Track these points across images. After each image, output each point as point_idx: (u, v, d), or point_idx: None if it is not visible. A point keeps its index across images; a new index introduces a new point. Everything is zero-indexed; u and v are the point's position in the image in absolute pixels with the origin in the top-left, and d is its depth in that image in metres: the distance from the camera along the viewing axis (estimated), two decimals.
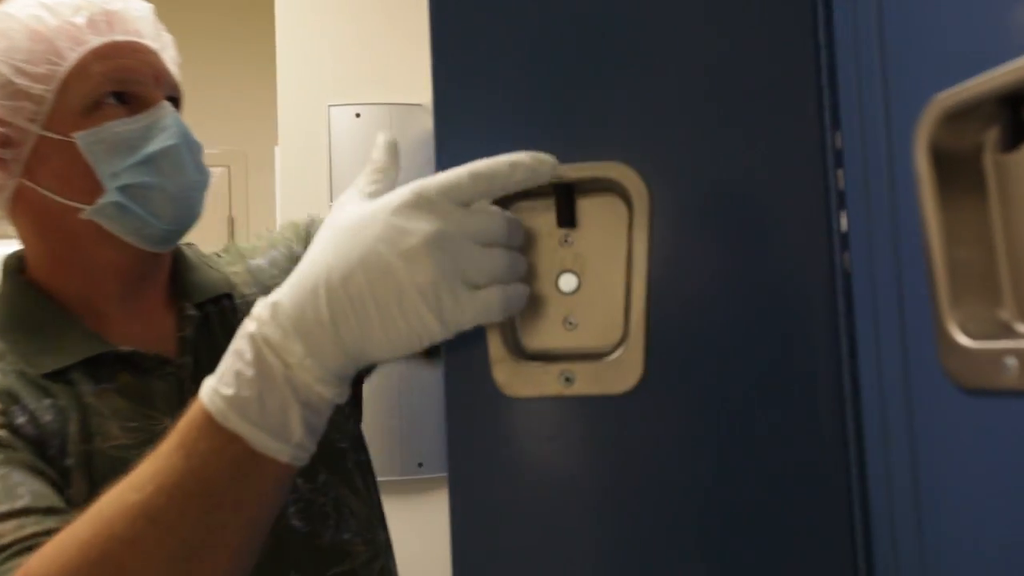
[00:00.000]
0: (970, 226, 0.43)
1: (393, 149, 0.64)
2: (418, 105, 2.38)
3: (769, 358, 0.56)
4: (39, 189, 0.85)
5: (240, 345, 0.58)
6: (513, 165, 0.55)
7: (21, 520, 0.69)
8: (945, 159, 0.44)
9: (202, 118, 1.23)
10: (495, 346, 0.58)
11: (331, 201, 2.33)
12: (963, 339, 0.42)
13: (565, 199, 0.58)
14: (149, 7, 0.92)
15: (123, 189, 0.84)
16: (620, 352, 0.57)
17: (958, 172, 0.44)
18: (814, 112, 0.55)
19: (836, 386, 0.54)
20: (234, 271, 0.99)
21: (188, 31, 3.78)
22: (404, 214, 0.55)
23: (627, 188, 0.57)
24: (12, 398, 0.79)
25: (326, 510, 0.89)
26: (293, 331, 0.56)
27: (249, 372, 0.56)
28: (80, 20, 0.84)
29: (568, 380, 0.57)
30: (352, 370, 0.58)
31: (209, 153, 0.95)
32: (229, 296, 0.95)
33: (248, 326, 0.58)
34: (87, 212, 0.85)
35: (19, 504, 0.70)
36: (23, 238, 0.91)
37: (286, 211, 2.40)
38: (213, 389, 0.58)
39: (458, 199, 0.55)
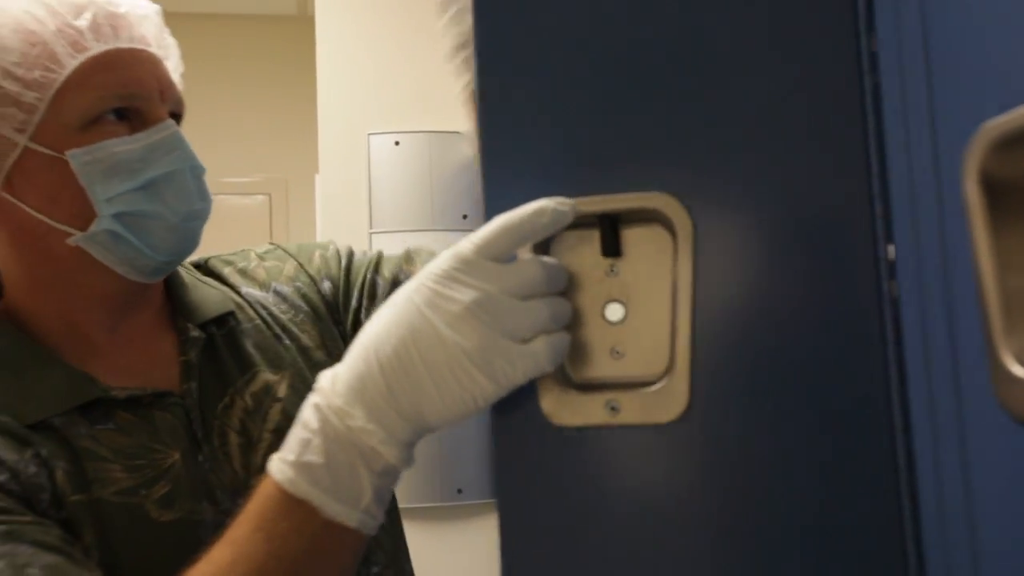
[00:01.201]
0: (1023, 254, 0.43)
1: None
2: (457, 133, 2.40)
3: (816, 389, 0.55)
4: (21, 205, 0.76)
5: (306, 415, 0.59)
6: (539, 212, 0.56)
7: None
8: (996, 187, 0.43)
9: (243, 146, 1.25)
10: (542, 376, 0.59)
11: (370, 228, 2.35)
12: (1017, 369, 0.42)
13: (610, 229, 0.59)
14: (156, 8, 0.83)
15: (118, 216, 0.76)
16: (665, 382, 0.57)
17: (1009, 199, 0.43)
18: (859, 139, 0.55)
19: (886, 417, 0.54)
20: (250, 280, 0.93)
21: (230, 60, 3.88)
22: (446, 281, 0.56)
23: (671, 218, 0.58)
24: (10, 447, 0.71)
25: None
26: (354, 399, 0.57)
27: (316, 440, 0.57)
28: (82, 23, 0.74)
29: (613, 409, 0.57)
30: (414, 435, 0.58)
31: (250, 181, 0.96)
32: (232, 314, 0.87)
33: (312, 397, 0.59)
34: (76, 238, 0.76)
35: None
36: (9, 257, 0.80)
37: (326, 238, 2.43)
38: (281, 459, 0.59)
39: (494, 255, 0.57)
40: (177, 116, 0.83)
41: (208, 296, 0.87)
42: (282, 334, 0.89)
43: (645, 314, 0.59)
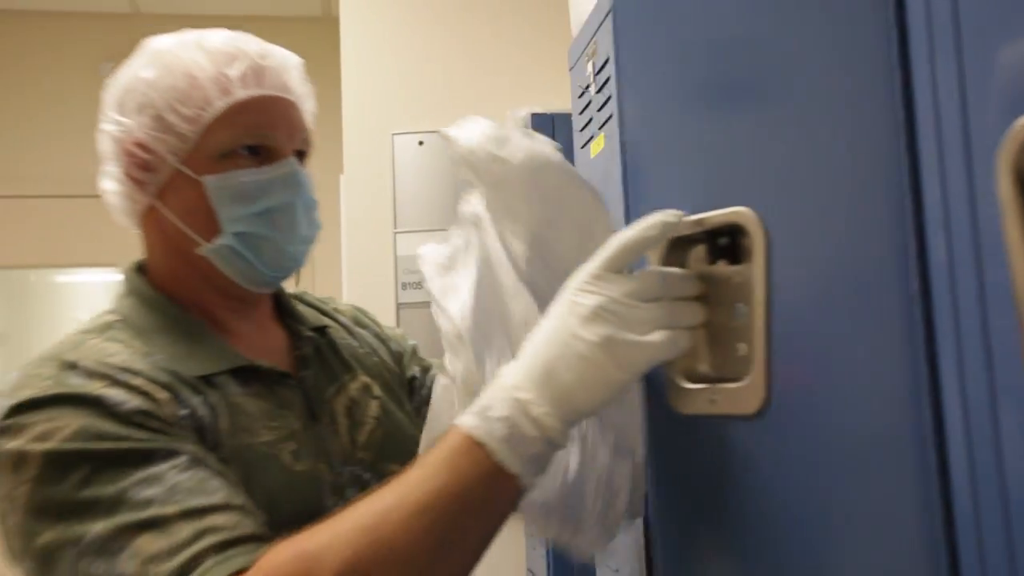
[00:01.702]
0: None
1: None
2: None
3: (871, 392, 0.55)
4: (167, 214, 0.93)
5: (489, 392, 0.73)
6: (649, 227, 0.71)
7: (228, 515, 0.75)
8: None
9: None
10: (670, 372, 0.74)
11: (395, 228, 2.36)
12: None
13: (711, 240, 0.72)
14: (298, 60, 0.99)
15: (238, 235, 0.91)
16: (748, 379, 0.65)
17: None
18: (893, 143, 0.55)
19: (921, 425, 0.53)
20: (330, 312, 1.11)
21: None
22: (579, 291, 0.72)
23: (749, 230, 0.66)
24: (174, 391, 0.84)
25: None
26: (525, 381, 0.71)
27: (497, 406, 0.71)
28: (233, 72, 0.90)
29: (713, 401, 0.69)
30: (569, 416, 0.72)
31: None
32: (329, 328, 1.06)
33: (500, 380, 0.73)
34: (203, 249, 0.92)
35: (216, 499, 0.76)
36: (148, 249, 0.99)
37: (351, 238, 2.44)
38: (467, 414, 0.72)
39: (616, 268, 0.72)
40: (303, 153, 0.96)
41: (309, 312, 1.06)
42: (370, 351, 1.08)
43: (744, 315, 0.69)
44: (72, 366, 0.82)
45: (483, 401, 0.73)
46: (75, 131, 3.76)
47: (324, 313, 1.10)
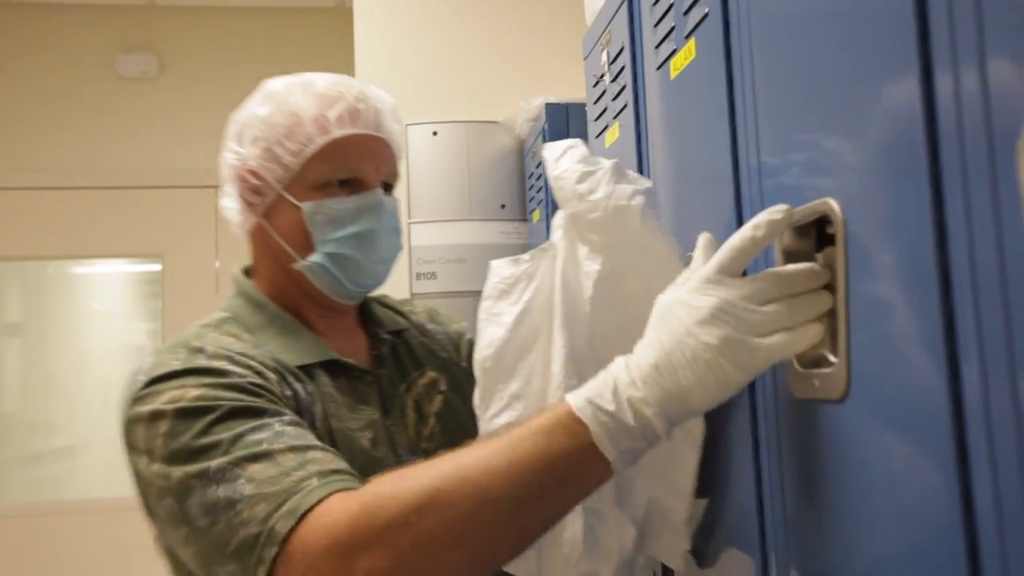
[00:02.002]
0: None
1: (711, 245, 0.79)
2: (495, 123, 2.40)
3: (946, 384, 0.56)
4: (271, 232, 1.07)
5: (602, 381, 0.76)
6: (755, 227, 0.70)
7: (326, 453, 0.87)
8: None
9: None
10: (790, 362, 0.74)
11: (408, 218, 2.35)
12: None
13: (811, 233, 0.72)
14: (392, 102, 1.12)
15: (328, 254, 1.05)
16: (835, 366, 0.67)
17: None
18: (916, 123, 0.54)
19: (955, 418, 0.53)
20: (406, 313, 1.23)
21: (269, 53, 3.89)
22: (695, 295, 0.72)
23: (833, 220, 0.66)
24: (281, 375, 0.99)
25: None
26: (638, 378, 0.74)
27: (608, 395, 0.75)
28: (331, 114, 1.03)
29: (815, 385, 0.70)
30: (679, 414, 0.74)
31: None
32: (405, 330, 1.19)
33: (614, 370, 0.77)
34: (298, 264, 1.06)
35: (316, 443, 0.88)
36: (255, 258, 1.14)
37: None
38: (578, 395, 0.76)
39: (730, 271, 0.72)
40: (389, 185, 1.09)
41: (387, 315, 1.20)
42: (441, 350, 1.21)
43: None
44: (199, 350, 0.97)
45: (595, 387, 0.76)
46: (91, 123, 3.77)
47: (400, 314, 1.23)
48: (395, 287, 1.45)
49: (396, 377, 1.13)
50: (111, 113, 3.74)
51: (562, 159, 0.88)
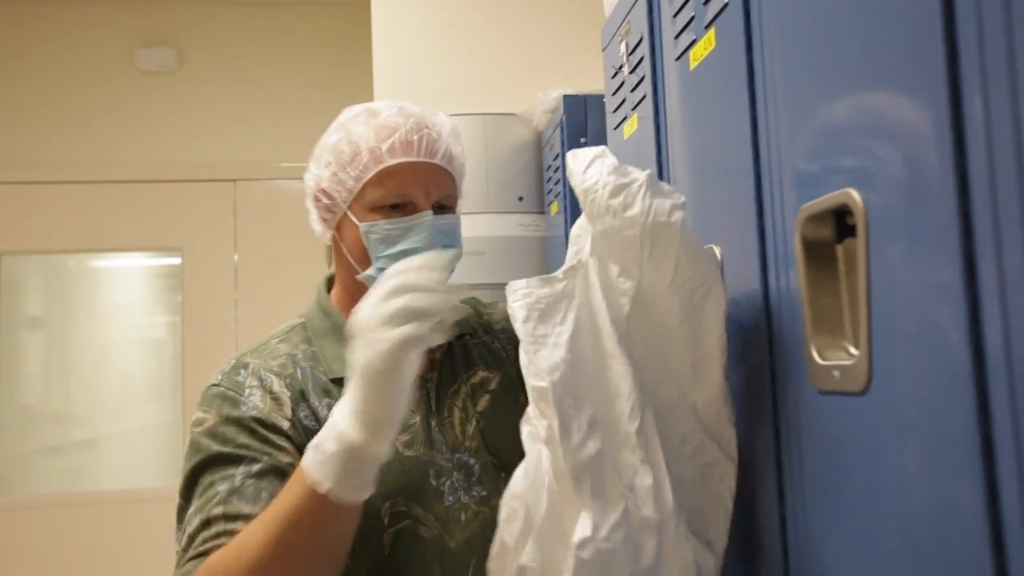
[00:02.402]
0: None
1: None
2: (512, 115, 2.39)
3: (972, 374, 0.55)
4: (341, 245, 1.20)
5: (328, 432, 0.93)
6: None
7: (234, 524, 1.03)
8: None
9: (300, 130, 1.28)
10: (808, 347, 0.74)
11: None
12: None
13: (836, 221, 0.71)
14: (450, 126, 1.22)
15: (381, 269, 1.13)
16: (856, 358, 0.67)
17: None
18: (944, 103, 0.54)
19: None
20: (499, 316, 1.32)
21: (287, 45, 3.89)
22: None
23: (854, 211, 0.65)
24: (304, 397, 1.14)
25: None
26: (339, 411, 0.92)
27: (320, 438, 0.95)
28: (385, 146, 1.15)
29: (835, 377, 0.70)
30: (368, 426, 0.92)
31: (305, 165, 1.20)
32: (471, 333, 1.28)
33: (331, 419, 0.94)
34: (360, 275, 1.18)
35: (256, 510, 1.03)
36: (336, 267, 1.26)
37: None
38: (310, 449, 0.94)
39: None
40: (444, 206, 1.19)
41: (460, 317, 1.27)
42: (502, 349, 1.29)
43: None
44: (244, 366, 1.16)
45: (320, 434, 0.94)
46: (111, 117, 3.79)
47: (483, 314, 1.32)
48: None
49: (448, 379, 1.22)
50: (131, 107, 3.76)
51: (590, 169, 0.84)
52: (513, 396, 1.21)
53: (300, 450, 1.05)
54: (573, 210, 2.02)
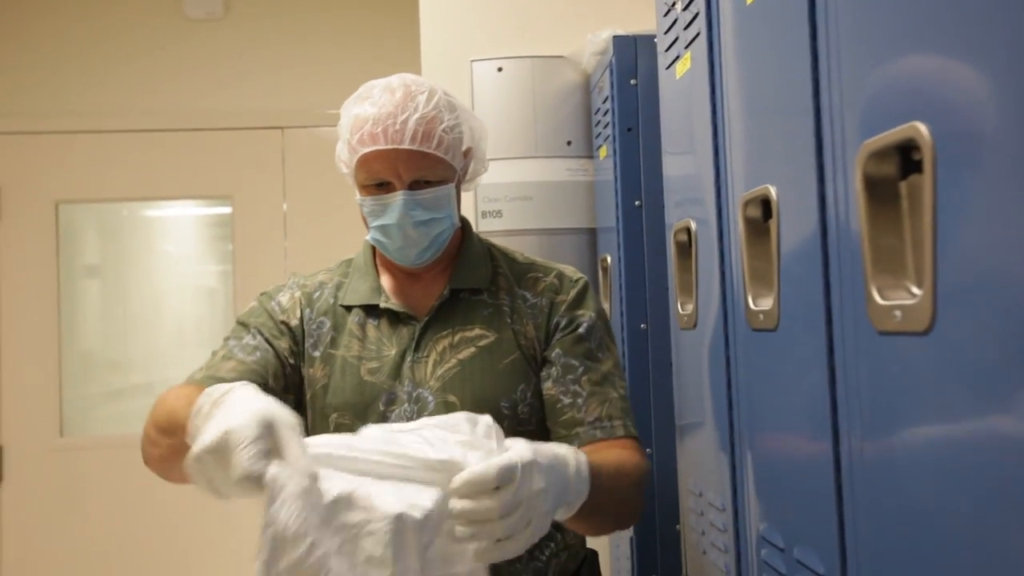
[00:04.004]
0: None
1: None
2: (560, 57, 2.35)
3: None
4: (362, 209, 1.35)
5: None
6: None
7: (226, 362, 1.30)
8: None
9: (346, 76, 1.29)
10: (868, 287, 0.73)
11: None
12: None
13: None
14: (430, 106, 1.29)
15: (374, 237, 1.33)
16: (919, 297, 0.65)
17: None
18: None
19: None
20: (529, 285, 1.38)
21: None
22: None
23: (921, 145, 0.63)
24: (306, 308, 1.37)
25: None
26: None
27: None
28: (355, 138, 1.28)
29: (894, 317, 0.69)
30: None
31: None
32: (485, 291, 1.37)
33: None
34: (367, 237, 1.36)
35: (236, 357, 1.31)
36: None
37: None
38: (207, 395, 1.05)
39: None
40: (421, 182, 1.29)
41: (476, 273, 1.38)
42: (513, 311, 1.35)
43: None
44: (288, 279, 1.43)
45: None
46: (159, 65, 3.81)
47: (504, 276, 1.39)
48: None
49: (439, 325, 1.34)
50: (179, 55, 3.77)
51: None
52: (499, 357, 1.31)
53: (294, 340, 1.34)
54: (623, 154, 2.00)
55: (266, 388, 1.18)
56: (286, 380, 1.33)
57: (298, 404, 1.33)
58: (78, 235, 3.89)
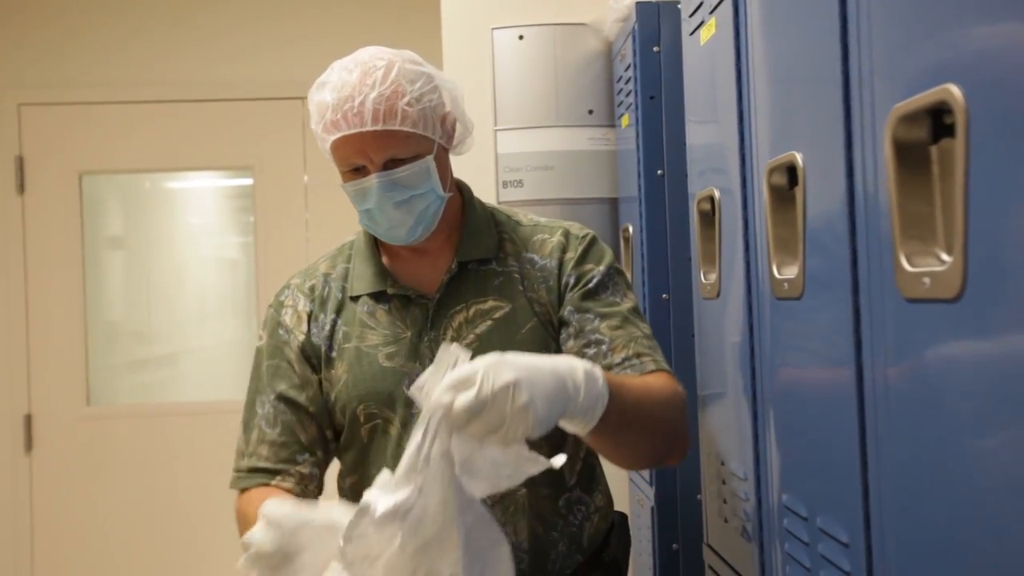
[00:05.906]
0: None
1: None
2: (582, 25, 2.32)
3: None
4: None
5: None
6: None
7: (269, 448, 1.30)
8: None
9: (367, 45, 1.27)
10: (897, 254, 0.71)
11: (495, 125, 2.32)
12: None
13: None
14: (388, 80, 1.22)
15: (364, 222, 1.30)
16: (949, 264, 0.64)
17: None
18: None
19: None
20: (536, 249, 1.35)
21: None
22: None
23: (954, 108, 0.61)
24: (313, 317, 1.34)
25: None
26: None
27: None
28: (319, 128, 1.25)
29: (923, 284, 0.68)
30: None
31: None
32: (493, 260, 1.34)
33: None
34: (359, 219, 1.32)
35: (266, 435, 1.30)
36: None
37: None
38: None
39: None
40: (403, 160, 1.25)
41: (482, 243, 1.34)
42: (523, 278, 1.33)
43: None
44: (288, 286, 1.39)
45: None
46: (182, 36, 3.81)
47: (511, 242, 1.35)
48: (480, 195, 1.43)
49: (451, 301, 1.31)
50: (200, 25, 3.76)
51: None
52: (516, 327, 1.29)
53: (308, 360, 1.32)
54: (645, 123, 1.98)
55: (300, 446, 1.29)
56: (318, 405, 1.32)
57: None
58: (101, 207, 3.91)
